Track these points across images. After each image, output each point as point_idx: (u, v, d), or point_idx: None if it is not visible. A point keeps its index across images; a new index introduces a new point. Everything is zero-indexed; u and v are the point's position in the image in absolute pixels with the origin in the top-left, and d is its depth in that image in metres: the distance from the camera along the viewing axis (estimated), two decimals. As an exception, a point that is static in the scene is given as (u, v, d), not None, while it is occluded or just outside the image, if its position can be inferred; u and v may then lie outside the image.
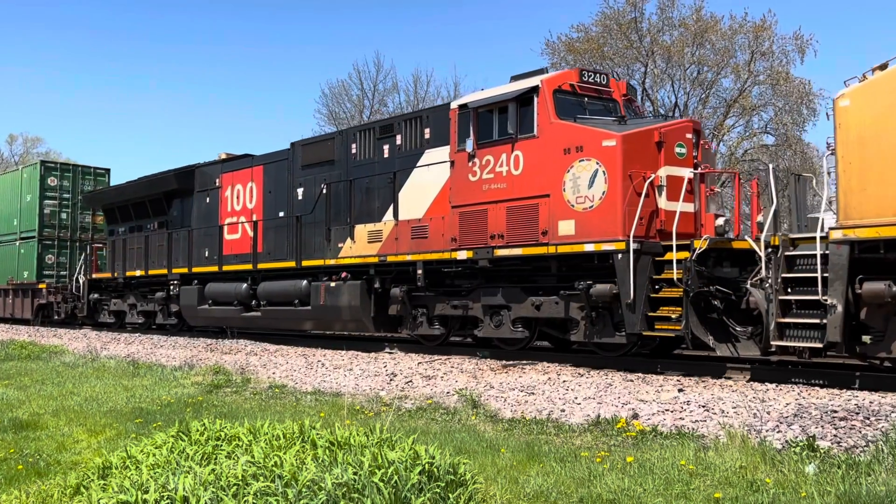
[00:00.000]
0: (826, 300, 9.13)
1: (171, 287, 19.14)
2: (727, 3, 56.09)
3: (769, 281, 9.84)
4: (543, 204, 11.81)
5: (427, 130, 13.90)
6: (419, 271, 13.51)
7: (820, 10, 57.48)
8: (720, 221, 10.81)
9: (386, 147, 14.65)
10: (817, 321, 9.35)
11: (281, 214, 16.71)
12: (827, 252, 9.24)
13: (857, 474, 5.62)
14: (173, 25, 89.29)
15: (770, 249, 9.97)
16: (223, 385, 11.73)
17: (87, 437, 7.98)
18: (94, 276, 22.79)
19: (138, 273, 20.55)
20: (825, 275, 9.21)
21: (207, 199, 18.83)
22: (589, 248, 11.26)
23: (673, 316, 10.62)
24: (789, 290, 9.72)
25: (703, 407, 8.04)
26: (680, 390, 9.02)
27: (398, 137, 14.41)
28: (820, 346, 9.36)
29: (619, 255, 10.91)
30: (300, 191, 16.34)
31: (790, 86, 32.96)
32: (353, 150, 15.24)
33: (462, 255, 12.90)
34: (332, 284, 15.02)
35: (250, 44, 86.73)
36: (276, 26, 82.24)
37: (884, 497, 5.02)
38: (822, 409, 7.40)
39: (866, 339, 9.59)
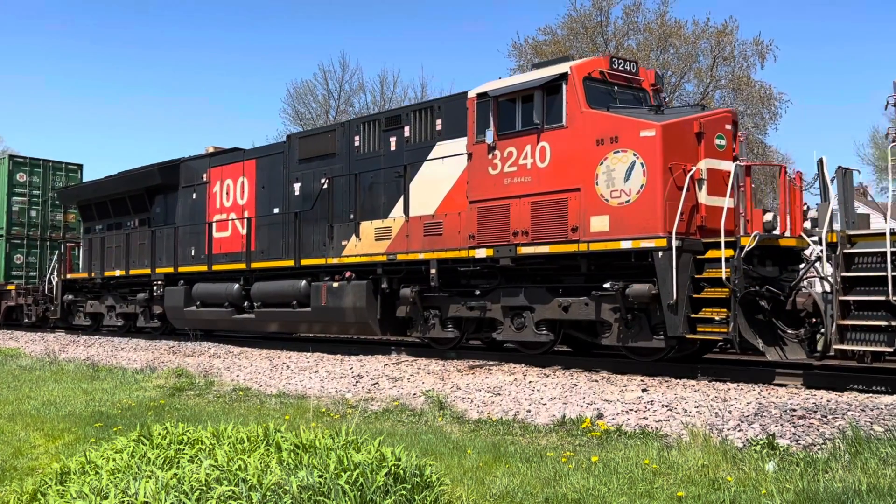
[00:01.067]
0: (896, 301, 8.26)
1: (155, 288, 17.60)
2: (690, 9, 56.28)
3: (830, 279, 8.96)
4: (573, 198, 10.75)
5: (439, 122, 12.75)
6: (433, 270, 12.33)
7: (779, 17, 57.75)
8: (768, 217, 9.90)
9: (393, 139, 13.45)
10: (884, 323, 8.49)
11: (276, 211, 15.38)
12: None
13: (814, 471, 5.61)
14: (132, 25, 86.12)
15: (825, 247, 9.10)
16: (186, 388, 11.30)
17: (44, 442, 7.62)
18: (68, 276, 21.04)
19: (118, 273, 18.96)
20: (895, 273, 8.34)
21: (194, 195, 17.37)
22: (626, 245, 10.24)
23: (716, 318, 9.68)
24: (846, 289, 8.86)
25: (667, 406, 7.88)
26: (644, 390, 8.78)
27: (406, 129, 13.22)
28: (889, 349, 8.53)
29: (660, 253, 9.92)
30: (297, 186, 15.04)
31: (751, 90, 32.90)
32: (357, 143, 14.01)
33: (481, 252, 11.77)
34: (335, 285, 13.76)
35: (212, 44, 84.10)
36: (240, 27, 79.81)
37: (840, 493, 4.97)
38: (782, 407, 7.28)
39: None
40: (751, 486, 5.42)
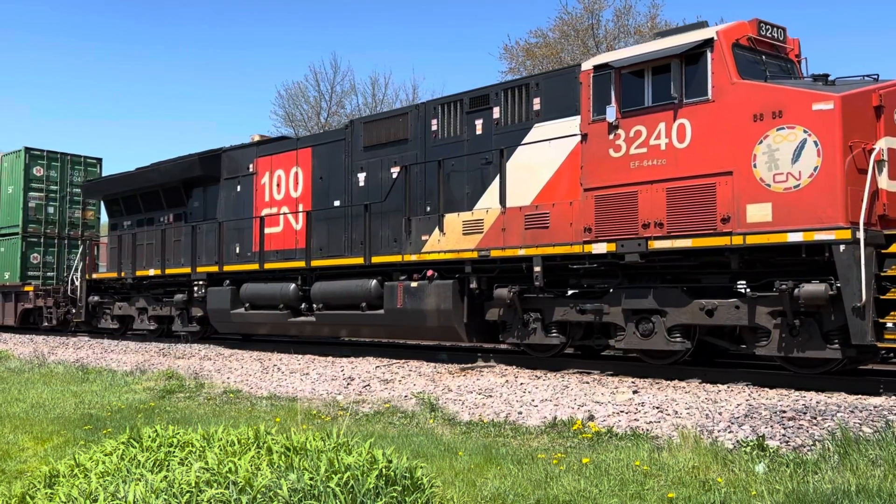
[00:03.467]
0: None
1: (196, 288, 15.39)
2: (681, 11, 54.63)
3: None
4: (723, 183, 8.79)
5: (536, 101, 10.76)
6: (537, 269, 10.32)
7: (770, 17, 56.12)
8: (973, 205, 7.97)
9: (479, 122, 11.43)
10: None
11: (336, 203, 13.29)
12: None
13: (804, 473, 5.46)
14: (115, 23, 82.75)
15: None
16: (176, 390, 10.96)
17: (33, 445, 7.38)
18: (95, 276, 18.73)
19: (152, 273, 16.70)
20: None
21: (238, 188, 15.21)
22: (794, 237, 8.30)
23: (908, 323, 7.75)
24: None
25: (657, 408, 7.61)
26: (635, 392, 8.39)
27: (495, 110, 11.22)
28: None
29: (842, 247, 8.00)
30: (361, 176, 12.97)
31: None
32: (434, 127, 11.97)
33: (600, 247, 9.78)
34: (414, 285, 11.69)
35: (199, 45, 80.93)
36: (229, 29, 76.72)
37: (830, 494, 4.84)
38: (772, 409, 7.05)
39: None
40: (741, 487, 5.28)
